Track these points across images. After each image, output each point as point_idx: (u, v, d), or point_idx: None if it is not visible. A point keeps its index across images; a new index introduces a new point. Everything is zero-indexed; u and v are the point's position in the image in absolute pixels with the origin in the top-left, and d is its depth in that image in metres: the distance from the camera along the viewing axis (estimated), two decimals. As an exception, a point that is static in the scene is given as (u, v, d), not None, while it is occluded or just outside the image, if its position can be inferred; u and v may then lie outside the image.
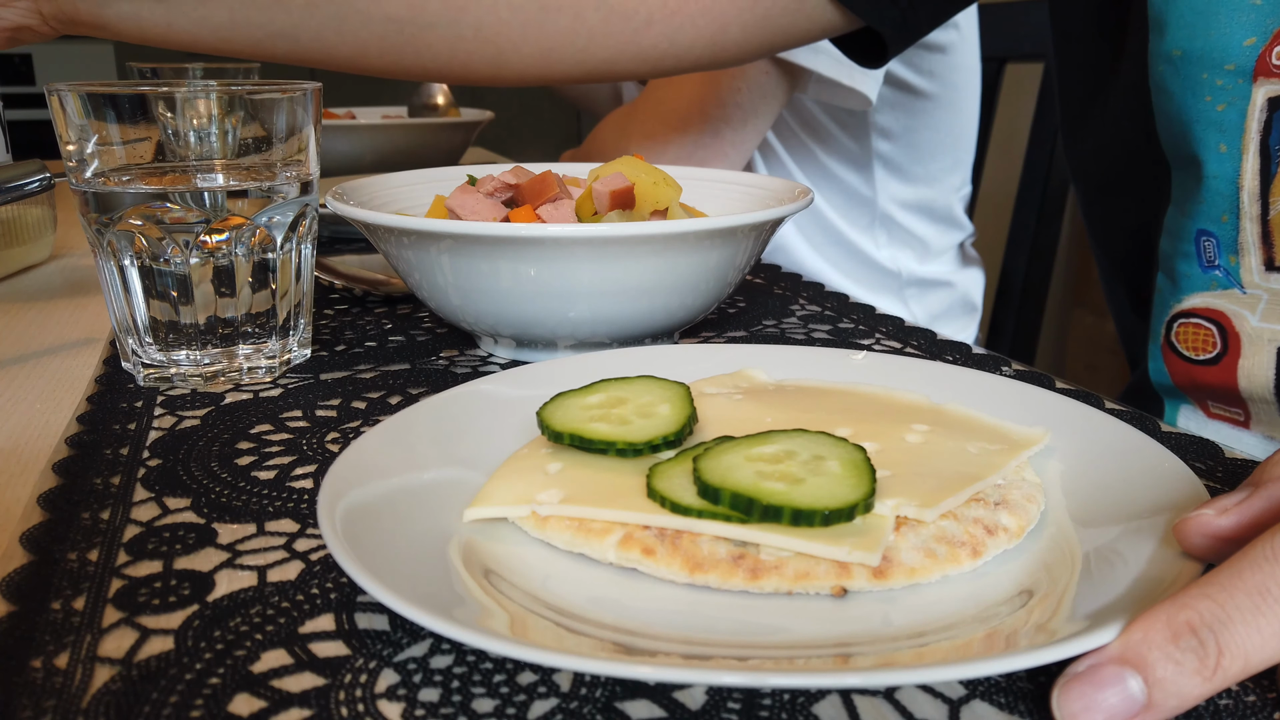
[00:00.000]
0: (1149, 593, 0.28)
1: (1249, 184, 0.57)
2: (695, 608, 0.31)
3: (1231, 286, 0.60)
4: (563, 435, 0.37)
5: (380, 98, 1.58)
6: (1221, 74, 0.57)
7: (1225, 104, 0.58)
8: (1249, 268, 0.59)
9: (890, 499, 0.33)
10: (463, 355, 0.58)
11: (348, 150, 1.20)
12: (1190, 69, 0.58)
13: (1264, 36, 0.55)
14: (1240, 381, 0.61)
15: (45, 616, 0.31)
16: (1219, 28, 0.57)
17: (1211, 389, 0.63)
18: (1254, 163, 0.57)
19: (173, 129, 0.50)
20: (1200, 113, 0.59)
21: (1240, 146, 0.57)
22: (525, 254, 0.50)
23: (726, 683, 0.25)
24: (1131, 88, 0.68)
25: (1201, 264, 0.62)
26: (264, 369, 0.53)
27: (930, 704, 0.27)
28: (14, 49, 4.18)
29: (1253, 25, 0.56)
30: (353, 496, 0.33)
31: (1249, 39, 0.56)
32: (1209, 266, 0.61)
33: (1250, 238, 0.58)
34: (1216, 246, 0.60)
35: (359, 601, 0.32)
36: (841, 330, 0.64)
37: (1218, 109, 0.58)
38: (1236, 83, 0.57)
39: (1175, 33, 0.59)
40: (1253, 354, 0.60)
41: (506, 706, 0.27)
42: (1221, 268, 0.60)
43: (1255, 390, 0.61)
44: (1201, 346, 0.62)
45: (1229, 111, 0.57)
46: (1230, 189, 0.58)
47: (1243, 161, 0.57)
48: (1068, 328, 2.28)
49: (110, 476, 0.41)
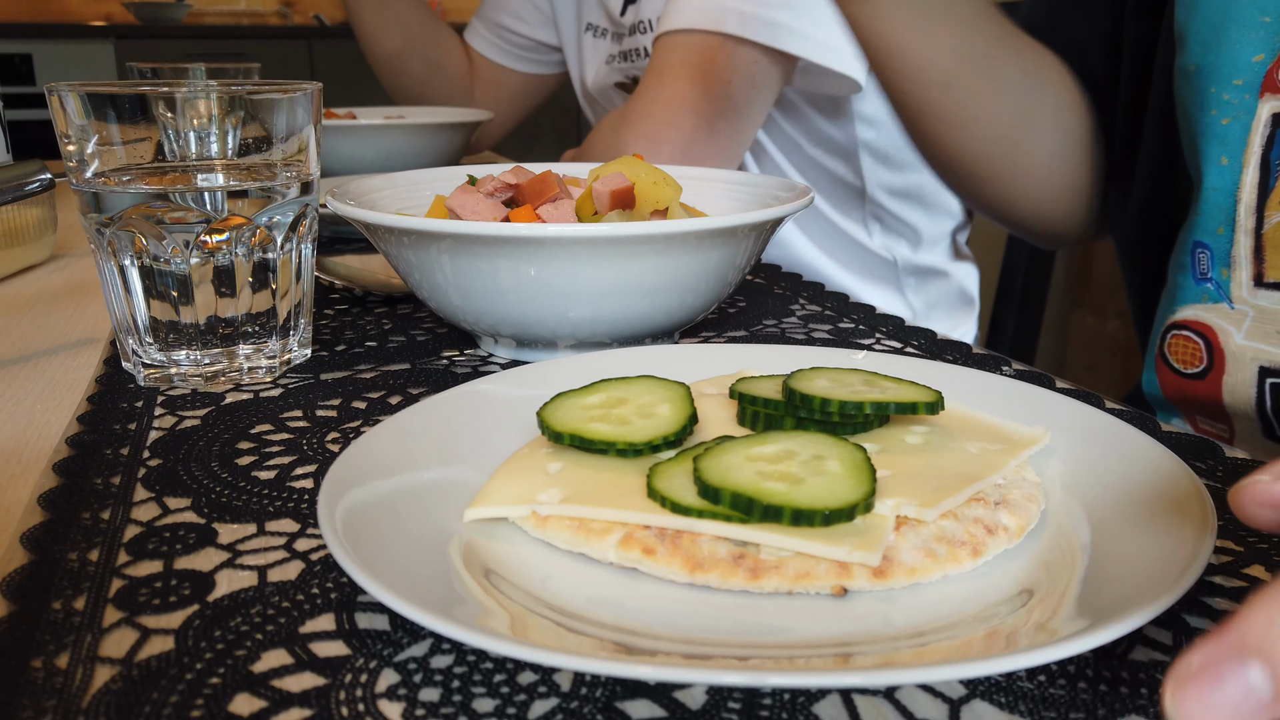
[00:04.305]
0: (1150, 593, 0.28)
1: (1246, 197, 0.58)
2: (695, 608, 0.31)
3: (1221, 300, 0.60)
4: (563, 435, 0.37)
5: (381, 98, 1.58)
6: (1229, 88, 0.57)
7: (1230, 118, 0.58)
8: (1239, 282, 0.59)
9: (890, 499, 0.33)
10: (463, 355, 0.58)
11: (348, 150, 1.19)
12: (1200, 83, 0.58)
13: (1272, 53, 0.56)
14: (1225, 397, 0.61)
15: (45, 616, 0.31)
16: (1229, 43, 0.57)
17: (1199, 403, 0.63)
18: (1254, 176, 0.57)
19: (173, 129, 0.50)
20: (1205, 126, 0.59)
21: (1241, 160, 0.58)
22: (525, 254, 0.50)
23: (727, 682, 0.25)
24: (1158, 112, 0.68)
25: (1195, 276, 0.62)
26: (264, 369, 0.53)
27: (930, 704, 0.27)
28: (14, 50, 4.16)
29: (1262, 42, 0.56)
30: (353, 496, 0.33)
31: (1257, 55, 0.56)
32: (1201, 279, 0.61)
33: (1243, 251, 0.58)
34: (1210, 259, 0.60)
35: (359, 601, 0.32)
36: (842, 330, 0.64)
37: (1222, 122, 0.58)
38: (1243, 98, 0.57)
39: (1191, 48, 0.59)
40: (1236, 371, 0.60)
41: (507, 706, 0.27)
42: (1213, 281, 0.60)
43: (1238, 407, 0.61)
44: (1190, 360, 0.62)
45: (1233, 125, 0.58)
46: (1228, 201, 0.59)
47: (1243, 175, 0.58)
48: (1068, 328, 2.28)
49: (110, 476, 0.41)
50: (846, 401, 0.38)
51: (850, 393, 0.39)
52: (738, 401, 0.41)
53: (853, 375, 0.41)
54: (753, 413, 0.40)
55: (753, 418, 0.40)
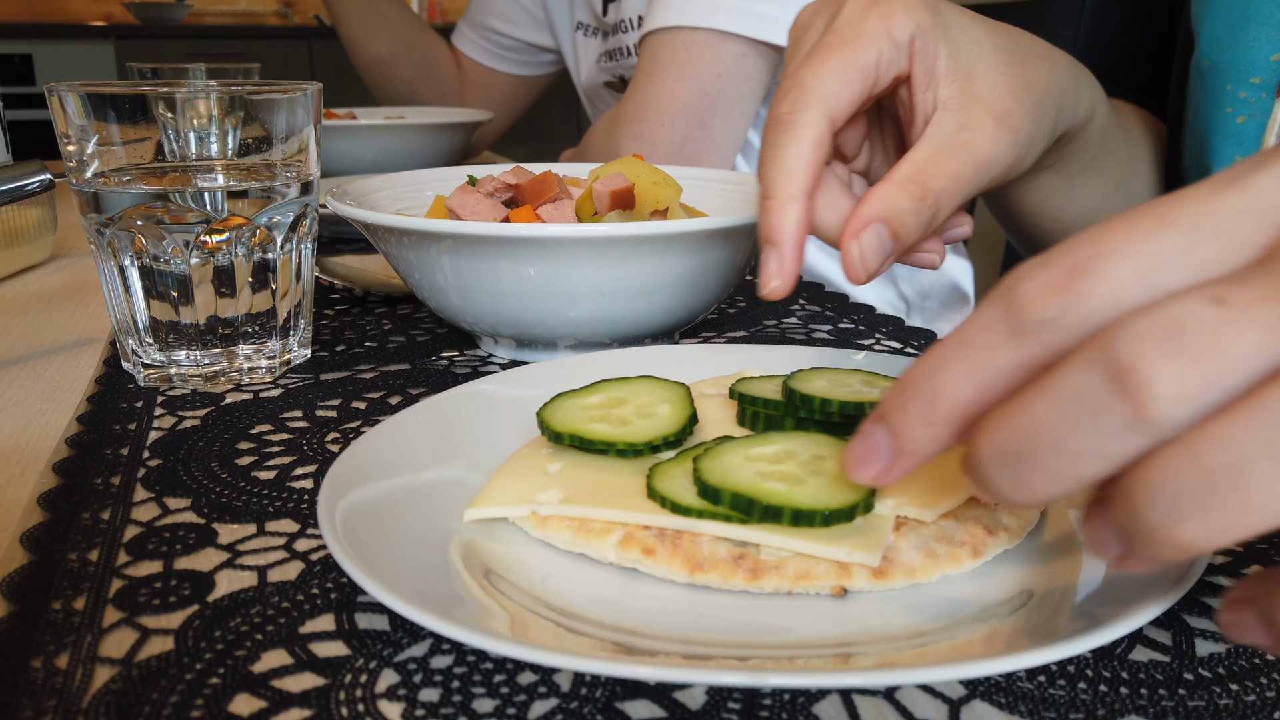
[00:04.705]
0: (1150, 593, 0.28)
1: None
2: (695, 608, 0.31)
3: None
4: (563, 436, 0.37)
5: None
6: (1246, 86, 0.57)
7: (1246, 116, 0.57)
8: None
9: (890, 499, 0.33)
10: (463, 355, 0.58)
11: (348, 150, 1.19)
12: (1215, 80, 0.58)
13: None
14: None
15: (45, 616, 0.31)
16: (1247, 41, 0.56)
17: None
18: None
19: (173, 129, 0.50)
20: (1220, 124, 0.58)
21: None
22: (525, 254, 0.50)
23: (727, 683, 0.25)
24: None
25: None
26: (264, 369, 0.53)
27: (930, 704, 0.27)
28: (14, 50, 4.15)
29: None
30: (353, 496, 0.33)
31: (1276, 54, 0.55)
32: None
33: None
34: None
35: (359, 601, 0.32)
36: (842, 330, 0.64)
37: (1238, 121, 0.57)
38: (1260, 96, 0.56)
39: (1207, 44, 0.58)
40: None
41: (507, 706, 0.27)
42: None
43: None
44: None
45: (1248, 124, 0.57)
46: None
47: None
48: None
49: (110, 476, 0.41)
50: (846, 401, 0.38)
51: (850, 393, 0.39)
52: (738, 402, 0.41)
53: (852, 376, 0.41)
54: (753, 413, 0.40)
55: (753, 418, 0.40)
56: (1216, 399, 0.21)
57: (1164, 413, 0.21)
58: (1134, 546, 0.22)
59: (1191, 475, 0.20)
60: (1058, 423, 0.22)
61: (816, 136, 0.41)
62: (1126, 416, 0.21)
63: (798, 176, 0.40)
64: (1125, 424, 0.21)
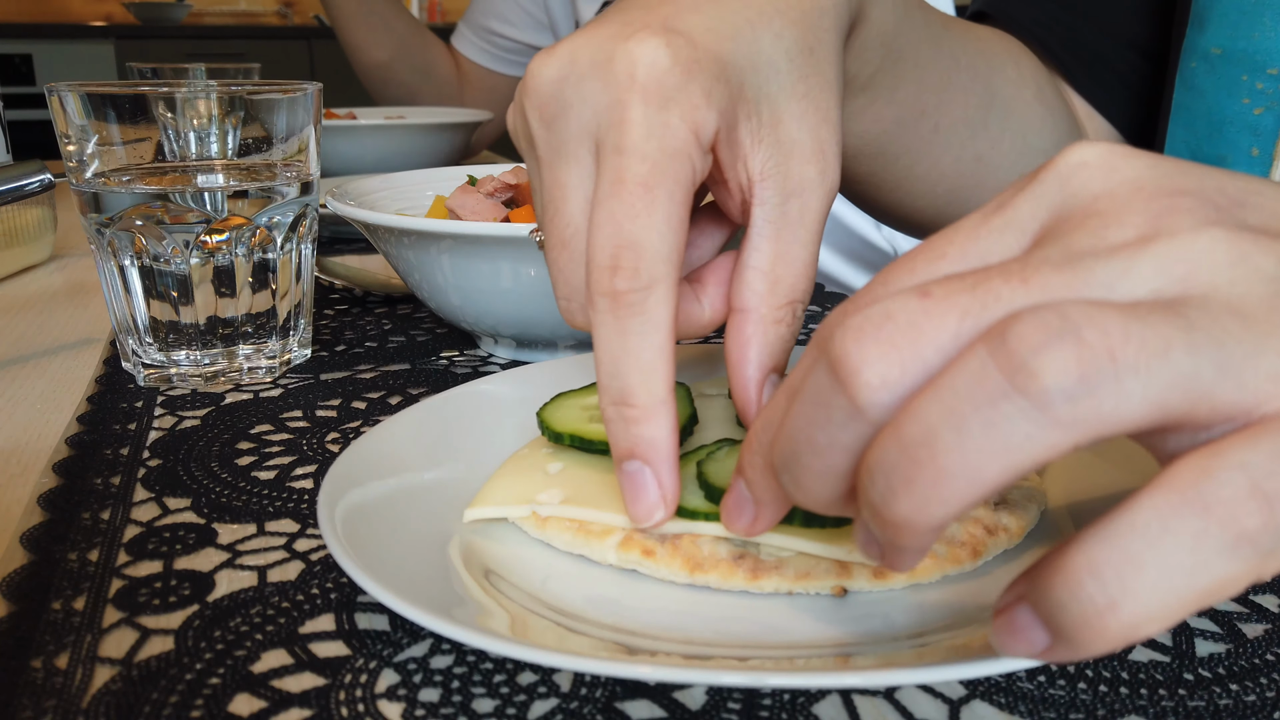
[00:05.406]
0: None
1: None
2: (695, 608, 0.31)
3: None
4: (563, 436, 0.37)
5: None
6: (1263, 77, 0.56)
7: (1263, 108, 0.57)
8: None
9: (890, 499, 0.33)
10: (463, 355, 0.58)
11: (348, 150, 1.19)
12: (1229, 68, 0.57)
13: None
14: None
15: (45, 616, 0.31)
16: (1264, 30, 0.56)
17: None
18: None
19: (173, 129, 0.50)
20: (1235, 114, 0.58)
21: (1273, 152, 0.56)
22: (525, 254, 0.50)
23: (726, 683, 0.25)
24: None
25: None
26: (264, 369, 0.53)
27: (930, 704, 0.27)
28: (14, 50, 4.15)
29: None
30: (353, 496, 0.33)
31: None
32: None
33: None
34: None
35: (359, 601, 0.32)
36: (841, 330, 0.63)
37: (1255, 112, 0.57)
38: (1278, 87, 0.56)
39: (1217, 29, 0.57)
40: None
41: (507, 706, 0.27)
42: None
43: None
44: None
45: (1265, 116, 0.56)
46: None
47: (1272, 168, 0.57)
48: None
49: (110, 476, 0.41)
50: None
51: None
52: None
53: None
54: None
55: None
56: (918, 382, 0.22)
57: (872, 398, 0.22)
58: (875, 533, 0.23)
59: (894, 451, 0.21)
60: (806, 422, 0.23)
61: (671, 315, 0.31)
62: (845, 406, 0.22)
63: (659, 373, 0.31)
64: (847, 413, 0.22)
